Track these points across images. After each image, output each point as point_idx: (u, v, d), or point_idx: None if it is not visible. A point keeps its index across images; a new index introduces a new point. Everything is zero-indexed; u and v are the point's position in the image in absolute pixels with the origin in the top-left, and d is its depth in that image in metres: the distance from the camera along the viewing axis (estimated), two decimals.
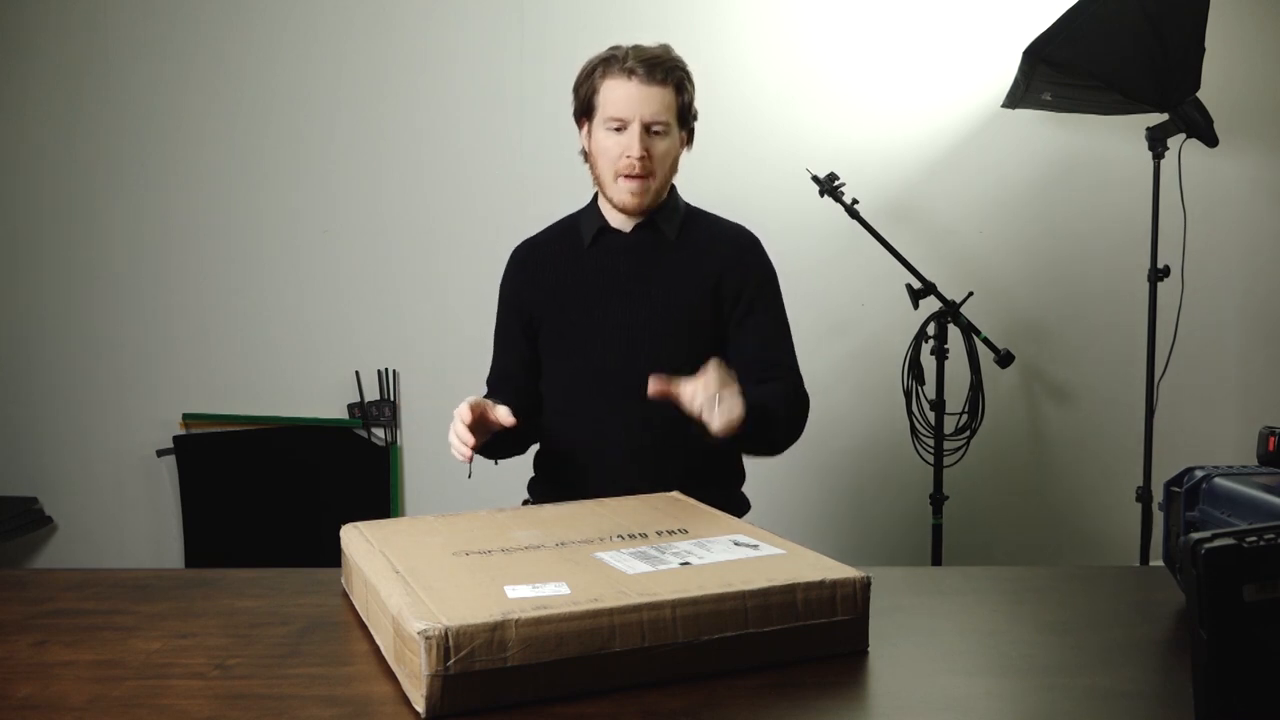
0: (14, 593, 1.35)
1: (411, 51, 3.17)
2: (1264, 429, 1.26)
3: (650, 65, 1.74)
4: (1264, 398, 3.14)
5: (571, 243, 1.89)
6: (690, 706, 0.98)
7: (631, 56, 1.75)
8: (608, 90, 1.76)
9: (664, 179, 1.81)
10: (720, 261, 1.85)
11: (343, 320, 3.23)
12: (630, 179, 1.76)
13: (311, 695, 1.01)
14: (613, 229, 1.86)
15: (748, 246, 1.90)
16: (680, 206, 1.89)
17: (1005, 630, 1.21)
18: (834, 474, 3.18)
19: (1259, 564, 0.77)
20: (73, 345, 3.27)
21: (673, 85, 1.76)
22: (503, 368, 1.94)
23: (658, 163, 1.77)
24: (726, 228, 1.92)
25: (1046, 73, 2.63)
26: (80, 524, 3.30)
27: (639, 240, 1.85)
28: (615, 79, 1.75)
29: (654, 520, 1.34)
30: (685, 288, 1.83)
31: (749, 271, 1.86)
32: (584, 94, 1.80)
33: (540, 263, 1.91)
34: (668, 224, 1.85)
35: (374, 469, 3.24)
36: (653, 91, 1.74)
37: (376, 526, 1.35)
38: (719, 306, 1.84)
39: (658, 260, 1.84)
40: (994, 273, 3.11)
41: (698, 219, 1.91)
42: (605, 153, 1.78)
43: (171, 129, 3.21)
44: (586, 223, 1.89)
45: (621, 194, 1.79)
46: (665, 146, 1.78)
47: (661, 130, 1.76)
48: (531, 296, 1.90)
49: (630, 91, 1.74)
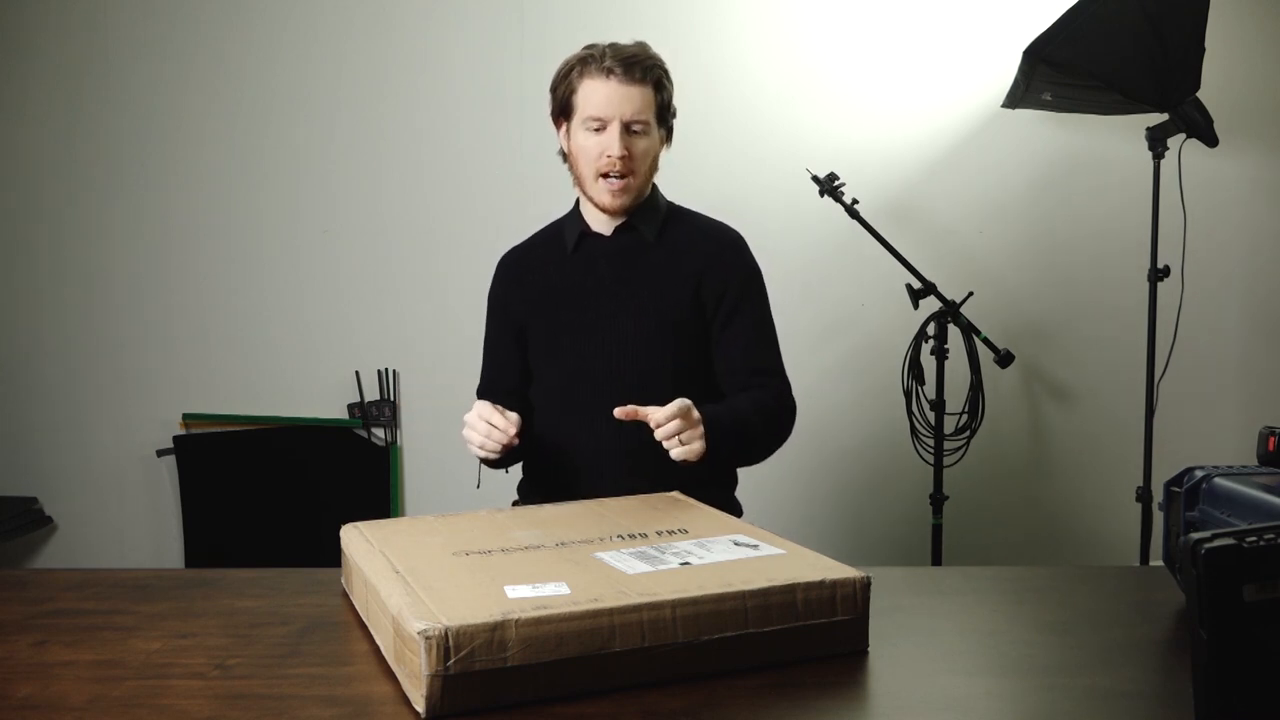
0: (14, 593, 1.35)
1: (411, 51, 3.17)
2: (1264, 429, 1.26)
3: (629, 64, 1.73)
4: (1264, 398, 3.14)
5: (556, 249, 1.89)
6: (690, 706, 0.98)
7: (609, 56, 1.74)
8: (586, 90, 1.75)
9: (644, 178, 1.81)
10: (701, 261, 1.84)
11: (343, 320, 3.23)
12: (610, 178, 1.76)
13: (311, 695, 1.01)
14: (594, 233, 1.86)
15: (729, 245, 1.88)
16: (661, 206, 1.89)
17: (1005, 630, 1.21)
18: (834, 474, 3.18)
19: (1259, 564, 0.77)
20: (72, 345, 3.27)
21: (651, 83, 1.76)
22: (494, 377, 1.94)
23: (638, 161, 1.77)
24: (709, 227, 1.91)
25: (1046, 73, 2.63)
26: (80, 524, 3.30)
27: (620, 243, 1.85)
28: (594, 79, 1.74)
29: (654, 520, 1.34)
30: (667, 289, 1.82)
31: (731, 271, 1.85)
32: (562, 94, 1.80)
33: (527, 269, 1.91)
34: (647, 225, 1.84)
35: (374, 469, 3.24)
36: (632, 91, 1.73)
37: (376, 526, 1.35)
38: (701, 307, 1.83)
39: (639, 262, 1.84)
40: (994, 273, 3.11)
41: (680, 218, 1.90)
42: (585, 153, 1.77)
43: (171, 129, 3.21)
44: (569, 228, 1.89)
45: (602, 194, 1.79)
46: (645, 145, 1.78)
47: (641, 129, 1.76)
48: (520, 304, 1.90)
49: (609, 91, 1.73)
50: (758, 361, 1.84)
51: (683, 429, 1.59)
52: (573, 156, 1.82)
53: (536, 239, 1.96)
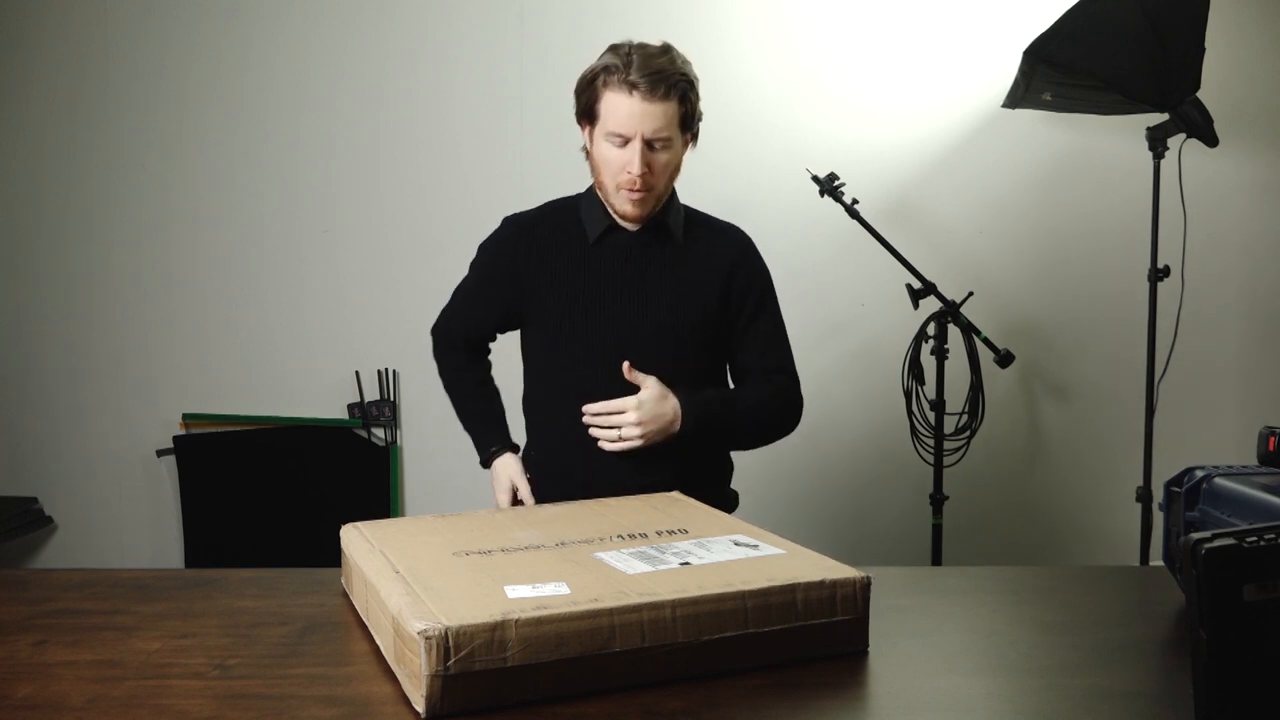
0: (14, 593, 1.35)
1: (411, 52, 3.17)
2: (1264, 429, 1.26)
3: (653, 81, 1.70)
4: (1264, 398, 3.14)
5: (574, 235, 1.87)
6: (690, 706, 0.98)
7: (635, 69, 1.71)
8: (609, 103, 1.74)
9: (665, 186, 1.82)
10: (728, 261, 1.87)
11: (343, 320, 3.23)
12: (631, 191, 1.76)
13: (311, 695, 1.01)
14: (620, 227, 1.85)
15: (749, 245, 1.93)
16: (680, 206, 1.90)
17: (1005, 630, 1.21)
18: (834, 474, 3.18)
19: (1259, 564, 0.77)
20: (73, 345, 3.27)
21: (675, 98, 1.74)
22: (457, 322, 2.03)
23: (659, 175, 1.77)
24: (726, 229, 1.93)
25: (1046, 73, 2.63)
26: (80, 524, 3.30)
27: (646, 240, 1.85)
28: (616, 92, 1.72)
29: (654, 520, 1.34)
30: (693, 287, 1.84)
31: (754, 273, 1.90)
32: (585, 101, 1.79)
33: (543, 245, 1.88)
34: (673, 223, 1.86)
35: (374, 469, 3.24)
36: (654, 108, 1.71)
37: (376, 526, 1.35)
38: (726, 306, 1.86)
39: (666, 260, 1.84)
40: (994, 273, 3.11)
41: (696, 219, 1.92)
42: (607, 164, 1.77)
43: (172, 130, 3.21)
44: (590, 217, 1.87)
45: (622, 204, 1.79)
46: (667, 159, 1.77)
47: (663, 144, 1.75)
48: (528, 276, 1.88)
49: (632, 108, 1.71)
50: (773, 361, 1.89)
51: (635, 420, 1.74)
52: (594, 161, 1.81)
53: (546, 213, 1.93)
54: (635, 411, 1.75)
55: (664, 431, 1.76)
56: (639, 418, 1.75)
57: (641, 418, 1.75)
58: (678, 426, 1.77)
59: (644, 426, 1.75)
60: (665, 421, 1.76)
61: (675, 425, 1.77)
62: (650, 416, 1.75)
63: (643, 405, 1.75)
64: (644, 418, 1.75)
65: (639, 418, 1.75)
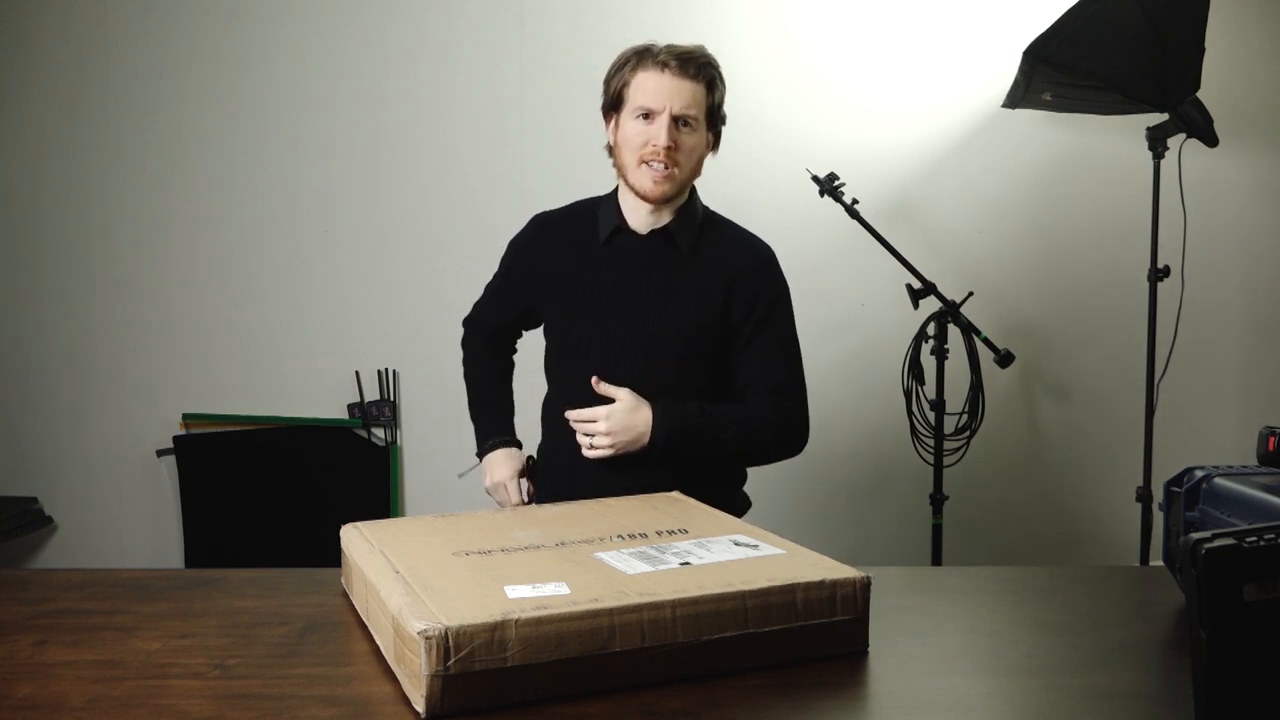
0: (14, 593, 1.35)
1: (411, 52, 3.17)
2: (1264, 429, 1.26)
3: (684, 60, 1.74)
4: (1264, 398, 3.14)
5: (588, 233, 1.87)
6: (690, 706, 0.98)
7: (666, 51, 1.75)
8: (639, 81, 1.76)
9: (688, 174, 1.80)
10: (733, 275, 1.83)
11: (343, 320, 3.23)
12: (653, 165, 1.75)
13: (311, 695, 1.01)
14: (629, 229, 1.84)
15: (762, 261, 1.88)
16: (699, 213, 1.87)
17: (1005, 630, 1.21)
18: (834, 474, 3.18)
19: (1259, 564, 0.77)
20: (73, 345, 3.27)
21: (704, 82, 1.76)
22: (487, 315, 2.06)
23: (684, 155, 1.76)
24: (744, 240, 1.90)
25: (1046, 73, 2.63)
26: (80, 524, 3.30)
27: (653, 246, 1.83)
28: (648, 71, 1.75)
29: (654, 520, 1.34)
30: (693, 299, 1.82)
31: (762, 289, 1.85)
32: (615, 87, 1.80)
33: (557, 243, 1.90)
34: (682, 233, 1.83)
35: (374, 469, 3.24)
36: (684, 85, 1.74)
37: (376, 526, 1.35)
38: (727, 320, 1.83)
39: (667, 268, 1.83)
40: (994, 273, 3.11)
41: (716, 226, 1.89)
42: (630, 141, 1.77)
43: (172, 129, 3.21)
44: (604, 217, 1.86)
45: (644, 180, 1.77)
46: (692, 142, 1.77)
47: (691, 124, 1.76)
48: (542, 279, 1.90)
49: (662, 83, 1.74)
50: (776, 380, 1.84)
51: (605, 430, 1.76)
52: (618, 146, 1.81)
53: (573, 210, 1.94)
54: (605, 421, 1.76)
55: (635, 443, 1.76)
56: (608, 428, 1.76)
57: (611, 428, 1.76)
58: (648, 439, 1.77)
59: (613, 436, 1.76)
60: (635, 433, 1.76)
61: (645, 438, 1.76)
62: (620, 427, 1.76)
63: (613, 415, 1.76)
64: (613, 428, 1.76)
65: (608, 428, 1.76)
